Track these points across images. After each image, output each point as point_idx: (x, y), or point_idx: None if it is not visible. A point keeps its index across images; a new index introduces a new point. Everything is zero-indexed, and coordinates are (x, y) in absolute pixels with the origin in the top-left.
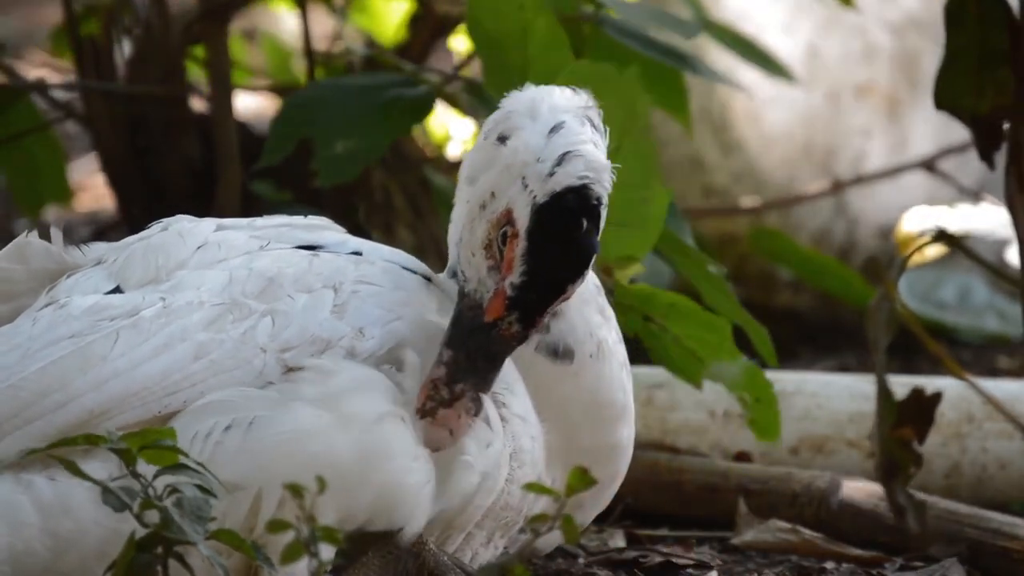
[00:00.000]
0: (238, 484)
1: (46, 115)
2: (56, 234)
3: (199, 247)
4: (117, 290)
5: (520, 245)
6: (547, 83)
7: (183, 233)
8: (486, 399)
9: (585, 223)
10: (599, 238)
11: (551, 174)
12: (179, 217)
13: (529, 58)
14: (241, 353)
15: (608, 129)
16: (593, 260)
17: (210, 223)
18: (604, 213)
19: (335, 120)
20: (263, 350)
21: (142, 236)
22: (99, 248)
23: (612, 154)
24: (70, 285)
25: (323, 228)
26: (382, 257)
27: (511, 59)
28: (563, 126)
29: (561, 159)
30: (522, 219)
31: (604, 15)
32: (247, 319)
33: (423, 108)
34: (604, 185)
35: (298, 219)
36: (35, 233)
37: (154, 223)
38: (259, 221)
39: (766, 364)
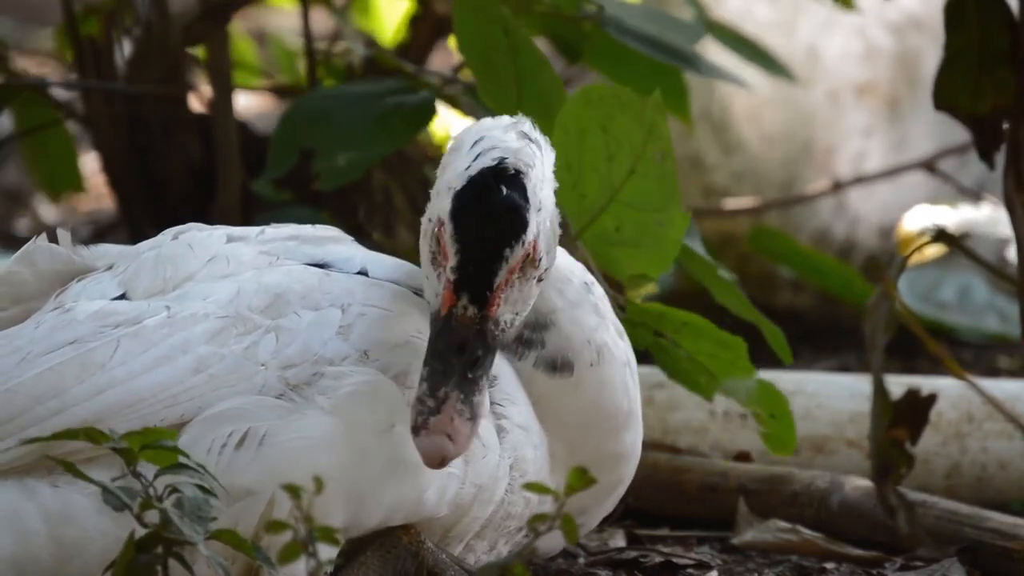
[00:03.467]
0: (251, 491)
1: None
2: (64, 235)
3: (209, 260)
4: (123, 297)
5: (447, 229)
6: (540, 97)
7: (193, 244)
8: (481, 406)
9: (504, 189)
10: (552, 219)
11: (467, 168)
12: (190, 225)
13: (520, 73)
14: (242, 369)
15: (620, 151)
16: (529, 227)
17: (221, 234)
18: (535, 184)
19: (337, 131)
20: (263, 366)
21: (153, 244)
22: (111, 252)
23: (627, 176)
24: (79, 290)
25: (331, 240)
26: (390, 277)
27: (503, 74)
28: (484, 138)
29: (477, 156)
30: (446, 210)
31: (605, 15)
32: (251, 334)
33: (424, 116)
34: (523, 160)
35: (306, 230)
36: (44, 237)
37: (166, 230)
38: (268, 231)
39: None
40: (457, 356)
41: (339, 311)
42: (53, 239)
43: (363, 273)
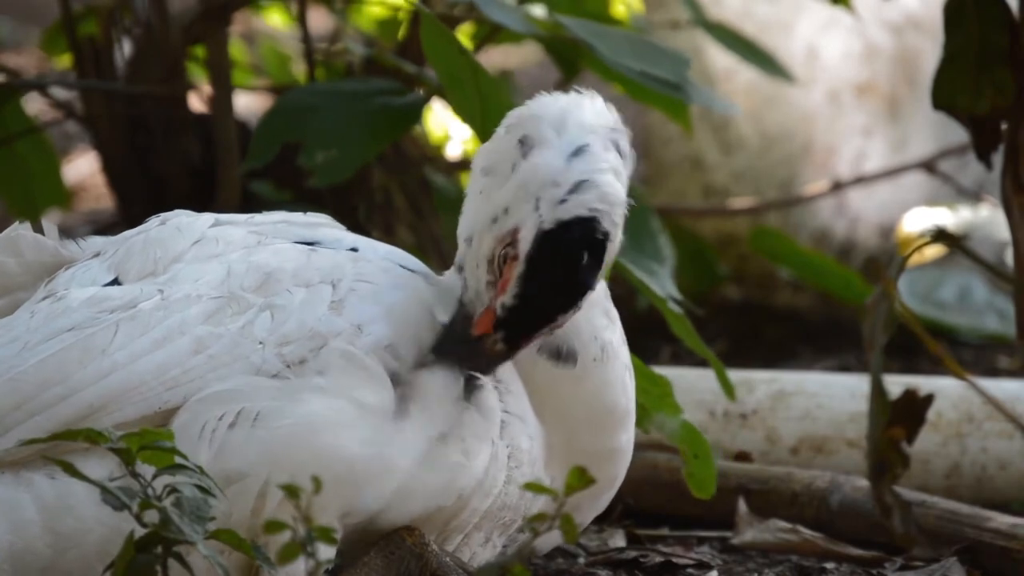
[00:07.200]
0: (245, 473)
1: (44, 115)
2: (50, 228)
3: (196, 242)
4: (115, 282)
5: (518, 268)
6: (502, 113)
7: (181, 227)
8: (490, 400)
9: (586, 257)
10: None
11: (562, 201)
12: (177, 212)
13: (483, 92)
14: (240, 348)
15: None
16: (588, 294)
17: (208, 218)
18: (611, 248)
19: (320, 128)
20: (261, 344)
21: (140, 230)
22: (97, 242)
23: None
24: (68, 277)
25: (321, 225)
26: (380, 255)
27: (468, 90)
28: (586, 149)
29: (576, 186)
30: (525, 242)
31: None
32: (245, 313)
33: (410, 117)
34: (614, 220)
35: (297, 216)
36: (27, 225)
37: (152, 217)
38: (257, 217)
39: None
40: (456, 365)
41: (330, 287)
42: (39, 231)
43: (354, 251)
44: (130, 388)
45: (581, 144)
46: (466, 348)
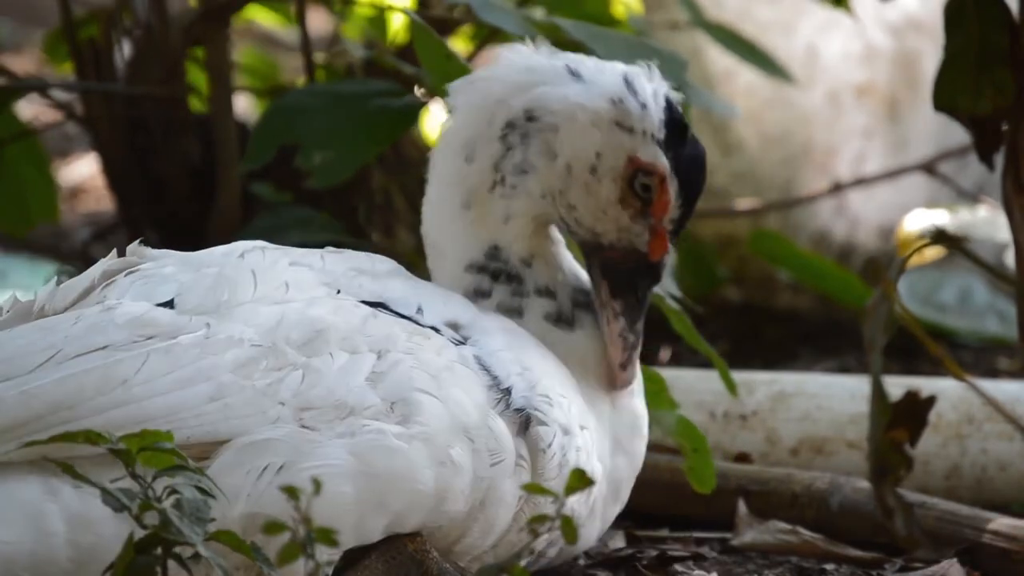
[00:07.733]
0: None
1: (43, 117)
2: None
3: (268, 286)
4: (170, 304)
5: (672, 184)
6: None
7: (256, 271)
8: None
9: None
10: None
11: (643, 106)
12: (256, 245)
13: None
14: (258, 404)
15: None
16: None
17: (284, 260)
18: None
19: (316, 129)
20: (282, 404)
21: (217, 261)
22: (169, 255)
23: None
24: (125, 286)
25: (390, 276)
26: (444, 318)
27: None
28: (632, 81)
29: (629, 84)
30: (655, 159)
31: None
32: (279, 370)
33: (407, 120)
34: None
35: (364, 262)
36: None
37: (235, 245)
38: (329, 259)
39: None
40: (650, 292)
41: (375, 356)
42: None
43: (419, 312)
44: (135, 422)
45: (575, 65)
46: (647, 277)
